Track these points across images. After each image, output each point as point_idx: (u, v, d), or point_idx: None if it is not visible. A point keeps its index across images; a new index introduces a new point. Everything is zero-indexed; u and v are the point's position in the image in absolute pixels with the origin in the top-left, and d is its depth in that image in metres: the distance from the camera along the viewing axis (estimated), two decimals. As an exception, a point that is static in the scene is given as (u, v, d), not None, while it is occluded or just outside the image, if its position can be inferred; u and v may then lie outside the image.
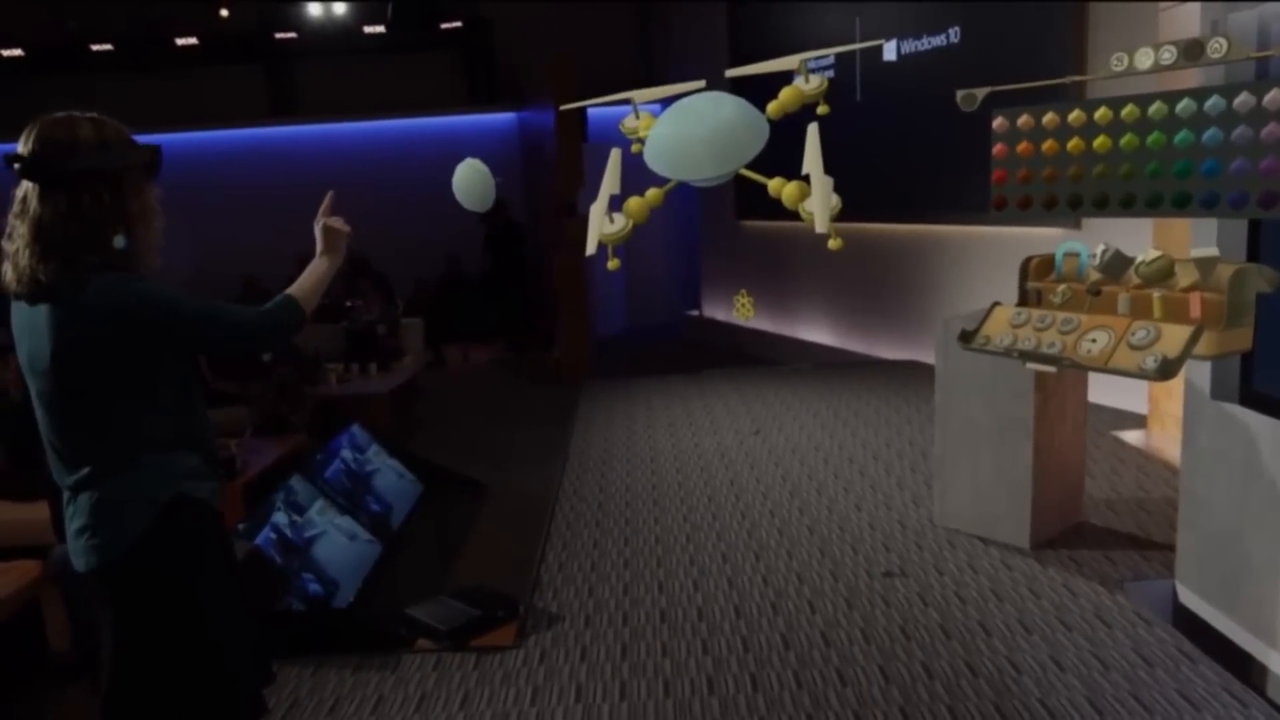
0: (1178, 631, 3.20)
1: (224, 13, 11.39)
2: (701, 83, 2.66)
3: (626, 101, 2.72)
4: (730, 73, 2.86)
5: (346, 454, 5.23)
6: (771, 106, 2.51)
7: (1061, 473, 4.03)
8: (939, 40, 7.44)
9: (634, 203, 2.47)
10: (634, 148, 2.59)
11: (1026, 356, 3.16)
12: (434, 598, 3.60)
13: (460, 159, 2.59)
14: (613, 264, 2.48)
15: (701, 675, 3.06)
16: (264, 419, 5.89)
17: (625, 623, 3.45)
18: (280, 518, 4.19)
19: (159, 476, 1.93)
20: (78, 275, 1.84)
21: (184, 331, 1.93)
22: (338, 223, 2.21)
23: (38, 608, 3.52)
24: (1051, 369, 3.12)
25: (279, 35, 11.69)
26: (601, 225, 2.47)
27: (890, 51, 7.90)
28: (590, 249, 2.49)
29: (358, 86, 11.86)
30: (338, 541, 4.35)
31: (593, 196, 2.49)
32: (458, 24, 11.63)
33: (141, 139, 2.00)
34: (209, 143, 11.72)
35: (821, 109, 2.53)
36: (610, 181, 2.56)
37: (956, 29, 7.26)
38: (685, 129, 2.39)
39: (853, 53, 8.25)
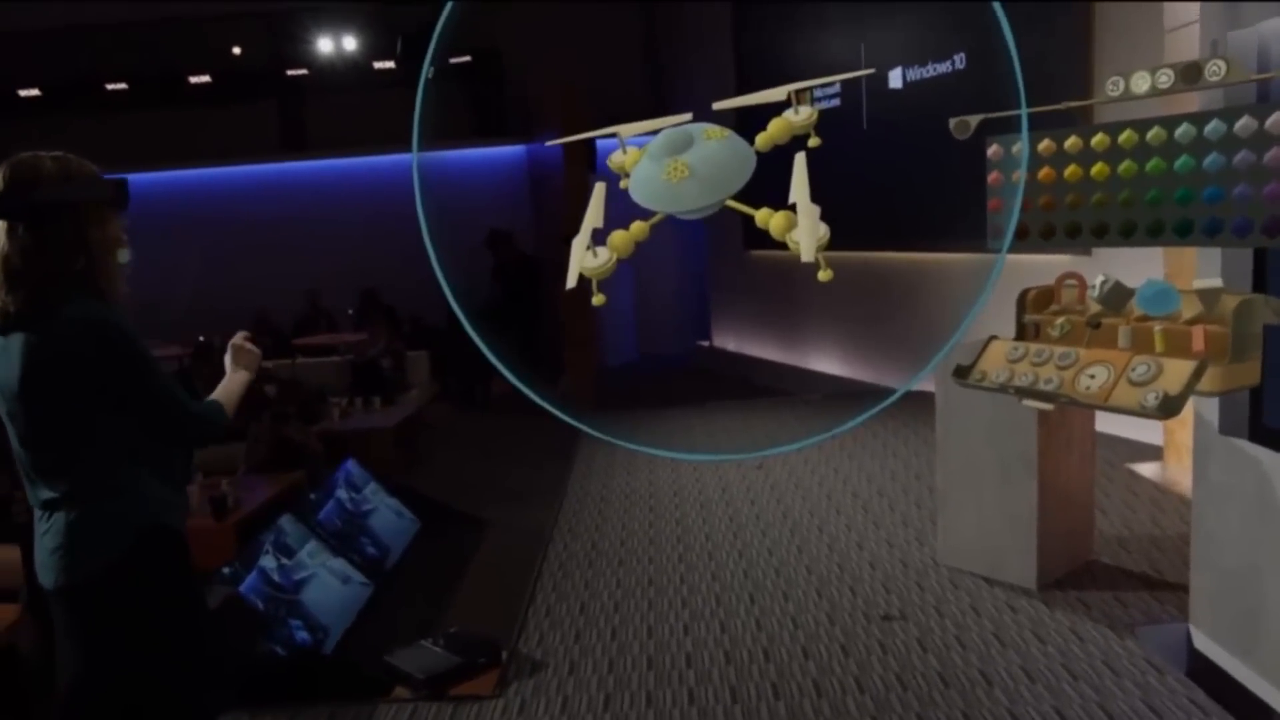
0: (1191, 681, 3.03)
1: (237, 50, 11.52)
2: (688, 115, 2.60)
3: (613, 135, 2.65)
4: (717, 105, 2.79)
5: (341, 493, 5.14)
6: (760, 138, 2.43)
7: (1069, 509, 3.88)
8: (944, 67, 7.36)
9: (618, 236, 2.40)
10: (622, 183, 2.53)
11: (1023, 393, 3.03)
12: (415, 643, 3.49)
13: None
14: (597, 299, 2.42)
15: (686, 728, 2.93)
16: (261, 458, 5.82)
17: (610, 670, 3.32)
18: (268, 561, 4.09)
19: (138, 503, 2.00)
20: (45, 304, 1.93)
21: (133, 385, 1.98)
22: (248, 345, 2.35)
23: (14, 652, 3.44)
24: (1048, 406, 2.99)
25: (290, 72, 11.80)
26: (583, 259, 2.41)
27: (896, 79, 7.83)
28: (571, 283, 2.43)
29: (367, 121, 11.92)
30: (330, 585, 4.24)
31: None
32: (467, 58, 11.69)
33: (157, 176, 2.09)
34: (222, 178, 11.81)
35: (812, 141, 2.46)
36: (593, 215, 2.50)
37: (962, 55, 7.18)
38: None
39: (858, 82, 8.19)
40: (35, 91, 11.62)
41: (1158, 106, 4.20)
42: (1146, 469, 5.24)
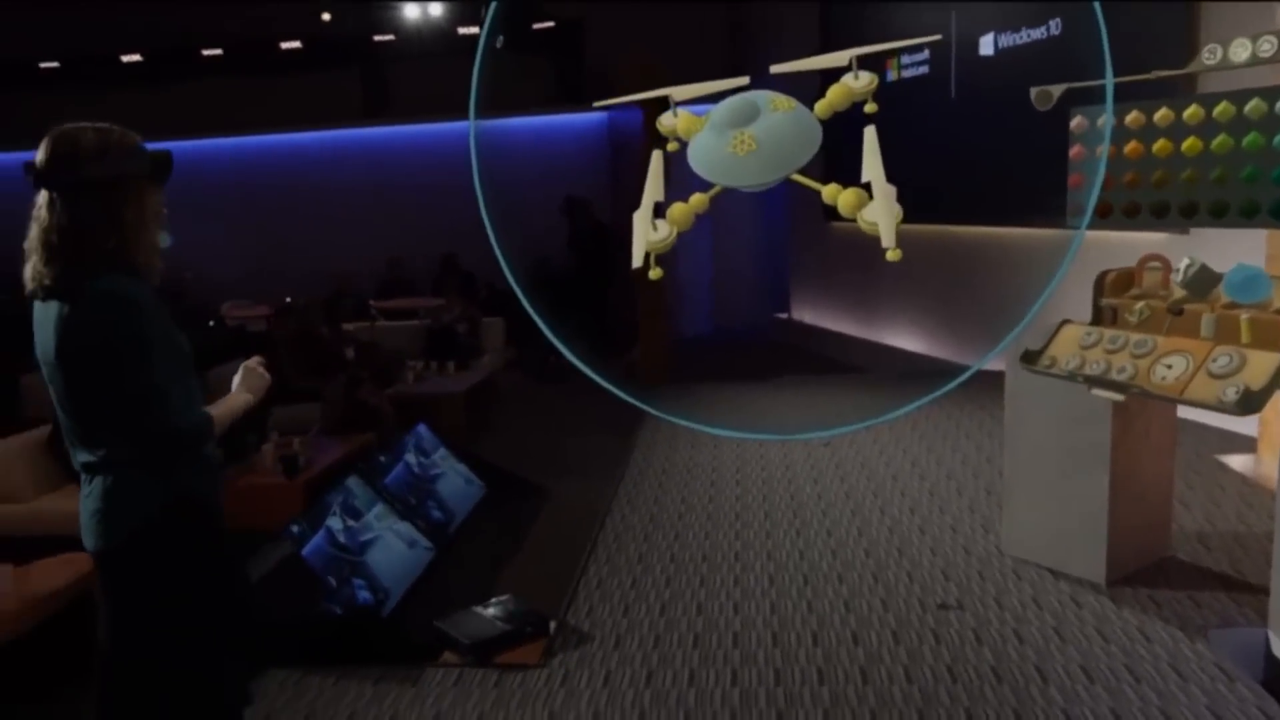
0: (1263, 690, 2.87)
1: (326, 16, 11.70)
2: (745, 79, 2.52)
3: (665, 99, 2.58)
4: (776, 69, 2.69)
5: (410, 458, 5.21)
6: (819, 105, 2.36)
7: (1144, 502, 3.69)
8: (1039, 33, 7.03)
9: (678, 209, 2.35)
10: (669, 146, 2.47)
11: (1093, 382, 2.89)
12: (466, 609, 3.54)
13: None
14: (654, 274, 2.37)
15: (726, 710, 2.89)
16: (335, 419, 5.97)
17: (655, 645, 3.31)
18: (335, 522, 4.18)
19: (168, 471, 2.04)
20: (77, 277, 1.97)
21: (130, 361, 1.96)
22: (260, 369, 2.33)
23: (89, 601, 3.60)
24: (1119, 397, 2.84)
25: (377, 38, 11.95)
26: (646, 233, 2.36)
27: (987, 45, 7.51)
28: (637, 261, 2.38)
29: (451, 87, 12.01)
30: (395, 547, 4.31)
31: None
32: (550, 24, 11.66)
33: (246, 140, 2.07)
34: (307, 144, 12.07)
35: (869, 107, 2.37)
36: (653, 187, 2.45)
37: (1057, 21, 6.84)
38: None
39: (948, 48, 7.88)
40: (137, 57, 12.02)
41: (1262, 77, 3.91)
42: (1236, 461, 4.96)
